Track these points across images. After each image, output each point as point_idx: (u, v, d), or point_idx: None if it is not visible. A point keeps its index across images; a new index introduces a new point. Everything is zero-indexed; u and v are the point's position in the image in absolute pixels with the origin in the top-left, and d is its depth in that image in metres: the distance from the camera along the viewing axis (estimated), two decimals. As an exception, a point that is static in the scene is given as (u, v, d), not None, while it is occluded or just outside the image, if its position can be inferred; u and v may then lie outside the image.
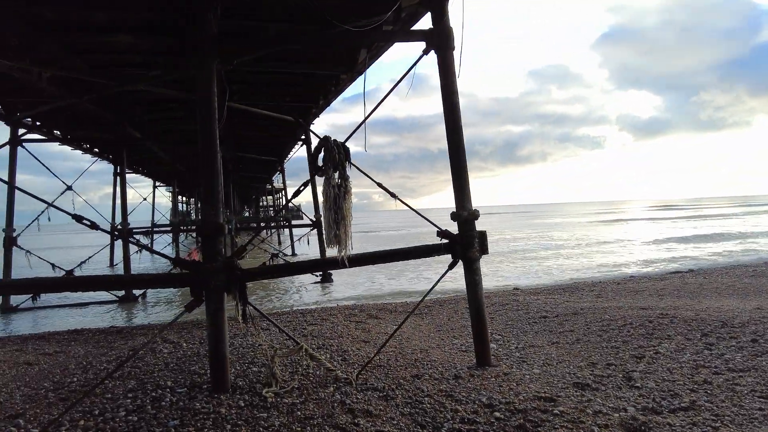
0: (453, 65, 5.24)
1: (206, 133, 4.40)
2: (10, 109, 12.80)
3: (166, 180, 29.68)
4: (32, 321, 11.98)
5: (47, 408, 4.42)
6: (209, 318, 4.33)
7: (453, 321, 8.59)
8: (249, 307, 4.44)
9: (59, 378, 5.56)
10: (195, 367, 5.34)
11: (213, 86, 4.44)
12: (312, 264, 4.65)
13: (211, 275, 4.25)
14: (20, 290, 3.90)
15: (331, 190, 4.55)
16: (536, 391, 4.22)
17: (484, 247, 5.21)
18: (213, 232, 4.32)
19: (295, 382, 4.49)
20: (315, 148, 4.78)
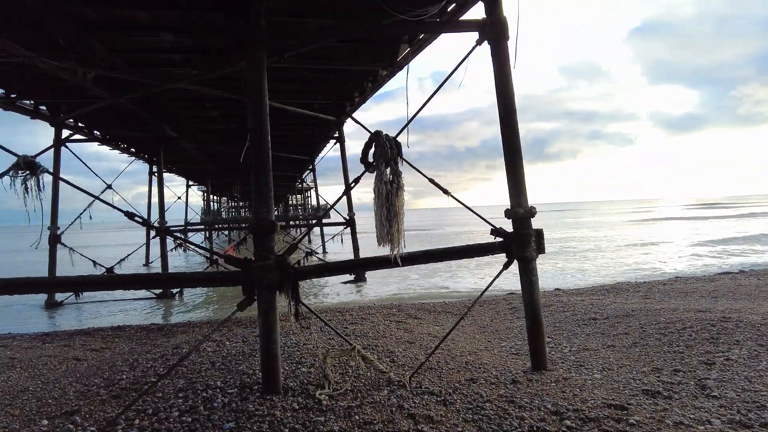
0: (507, 56, 5.03)
1: (257, 129, 4.30)
2: (54, 111, 13.11)
3: (198, 179, 30.15)
4: (76, 316, 12.24)
5: (101, 405, 4.40)
6: (261, 317, 4.24)
7: (496, 322, 8.36)
8: (301, 306, 4.32)
9: (108, 375, 5.57)
10: (242, 366, 5.27)
11: (264, 81, 4.34)
12: (365, 262, 4.51)
13: (264, 273, 4.15)
14: (75, 287, 3.88)
15: (383, 186, 4.40)
16: (604, 397, 3.98)
17: (540, 246, 4.99)
18: (265, 229, 4.22)
19: (348, 384, 4.35)
20: (366, 144, 4.64)
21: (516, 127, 5.01)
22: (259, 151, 4.28)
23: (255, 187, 4.27)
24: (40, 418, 4.21)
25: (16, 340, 8.38)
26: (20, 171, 3.87)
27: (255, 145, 4.29)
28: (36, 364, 6.47)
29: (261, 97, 4.32)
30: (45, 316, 12.45)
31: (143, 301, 13.61)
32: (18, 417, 4.31)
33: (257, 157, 4.28)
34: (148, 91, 10.09)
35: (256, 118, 4.30)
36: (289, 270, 4.21)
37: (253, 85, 4.31)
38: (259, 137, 4.28)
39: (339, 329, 7.17)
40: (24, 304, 13.47)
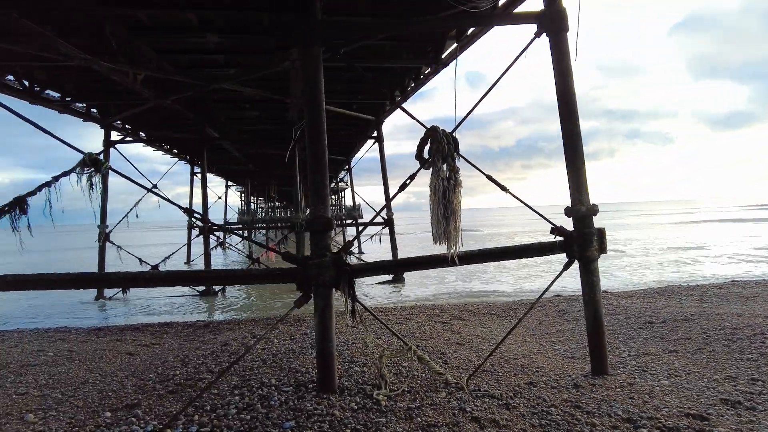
0: (567, 49, 4.84)
1: (313, 125, 4.26)
2: (103, 114, 13.55)
3: (237, 179, 30.72)
4: (124, 311, 12.59)
5: (159, 400, 4.45)
6: (317, 315, 4.19)
7: (545, 325, 8.11)
8: (357, 304, 4.25)
9: (161, 370, 5.65)
10: (294, 364, 5.24)
11: (320, 77, 4.29)
12: (420, 261, 4.40)
13: (321, 271, 4.10)
14: (135, 283, 3.92)
15: (440, 183, 4.29)
16: (678, 406, 3.76)
17: (602, 245, 4.78)
18: (322, 227, 4.17)
19: (404, 385, 4.26)
20: (421, 140, 4.54)
21: (577, 123, 4.82)
22: (315, 147, 4.23)
23: (311, 184, 4.23)
24: (103, 410, 4.28)
25: (72, 334, 8.65)
26: (86, 168, 3.94)
27: (311, 141, 4.25)
28: (93, 358, 6.64)
29: (317, 94, 4.28)
30: (96, 310, 12.87)
31: (187, 297, 13.92)
32: (82, 408, 4.40)
33: (313, 154, 4.24)
34: (195, 91, 10.28)
35: (311, 115, 4.26)
36: (345, 267, 4.15)
37: (309, 81, 4.27)
38: (315, 134, 4.24)
39: (384, 329, 7.09)
40: (75, 299, 13.98)
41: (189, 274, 4.07)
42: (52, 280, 3.98)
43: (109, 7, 7.02)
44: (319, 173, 4.22)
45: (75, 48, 6.81)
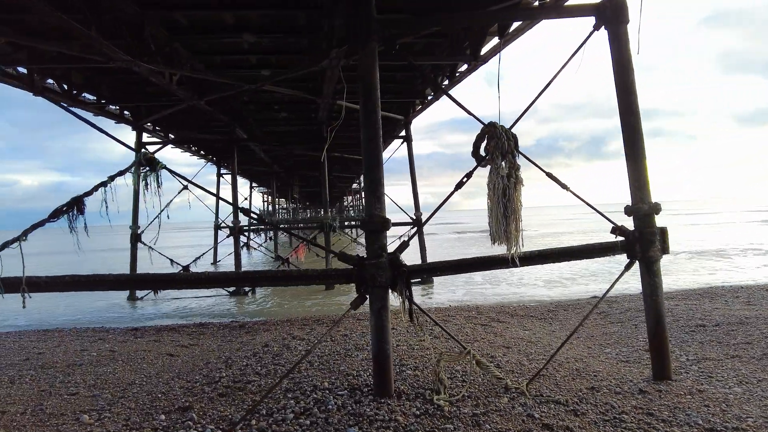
0: (627, 42, 4.65)
1: (369, 122, 4.15)
2: (136, 116, 13.69)
3: (261, 180, 30.88)
4: (157, 311, 12.68)
5: (210, 403, 4.38)
6: (374, 317, 4.08)
7: (589, 328, 7.87)
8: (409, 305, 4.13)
9: (206, 372, 5.61)
10: (342, 366, 5.15)
11: (376, 73, 4.19)
12: (479, 262, 4.26)
13: (377, 271, 3.98)
14: (174, 284, 3.87)
15: (499, 180, 4.14)
16: (764, 416, 3.54)
17: (665, 245, 4.57)
18: (379, 226, 4.06)
19: (464, 390, 4.12)
20: (477, 136, 4.40)
21: (638, 118, 4.62)
22: (371, 145, 4.13)
23: (367, 183, 4.12)
24: (156, 413, 4.23)
25: (110, 334, 8.71)
26: (141, 167, 3.90)
27: (367, 139, 4.14)
28: (134, 358, 6.64)
29: (373, 90, 4.17)
30: (129, 310, 12.98)
31: (217, 297, 13.98)
32: (135, 410, 4.36)
33: (369, 152, 4.13)
34: (230, 92, 10.30)
35: (367, 111, 4.15)
36: (402, 268, 4.03)
37: (366, 78, 4.16)
38: (370, 131, 4.14)
39: (424, 331, 6.95)
40: (108, 300, 14.15)
41: (243, 275, 4.00)
42: (107, 280, 3.94)
43: (152, 10, 7.06)
44: (374, 171, 4.11)
45: (117, 49, 6.83)
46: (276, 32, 8.97)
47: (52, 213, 3.96)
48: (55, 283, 3.92)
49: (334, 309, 11.17)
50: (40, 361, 6.57)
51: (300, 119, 16.90)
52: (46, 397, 4.94)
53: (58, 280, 3.93)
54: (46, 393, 5.10)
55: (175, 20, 8.19)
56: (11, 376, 5.79)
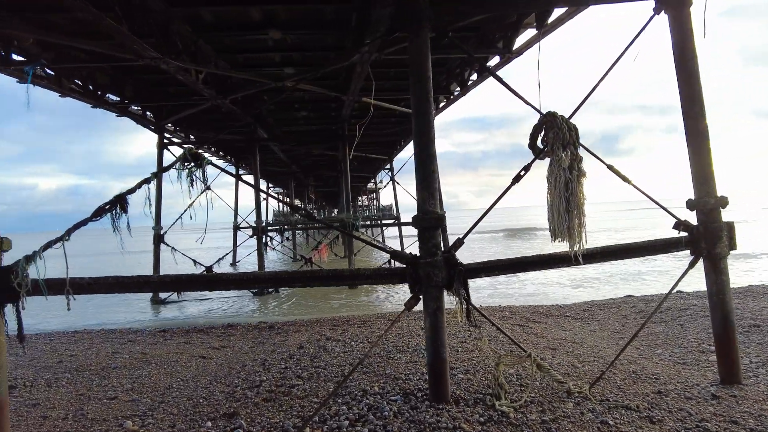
0: (690, 27, 4.39)
1: (421, 113, 3.95)
2: (158, 116, 13.65)
3: (277, 181, 30.81)
4: (182, 312, 12.61)
5: (256, 409, 4.22)
6: (429, 319, 3.88)
7: (630, 328, 7.60)
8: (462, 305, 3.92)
9: (245, 375, 5.45)
10: (388, 369, 4.95)
11: (428, 62, 3.98)
12: (540, 260, 4.04)
13: (432, 270, 3.78)
14: (225, 286, 3.70)
15: (560, 173, 3.91)
16: None
17: (732, 241, 4.31)
18: (433, 223, 3.85)
19: (525, 395, 3.90)
20: (534, 127, 4.17)
21: (702, 110, 4.37)
22: (424, 138, 3.93)
23: (420, 178, 3.92)
24: (201, 419, 4.07)
25: (139, 335, 8.61)
26: (186, 163, 3.74)
27: (419, 131, 3.94)
28: (168, 361, 6.51)
29: (425, 81, 3.97)
30: (155, 312, 12.93)
31: (239, 297, 13.89)
32: (178, 416, 4.21)
33: (422, 146, 3.93)
34: (258, 89, 10.17)
35: (419, 102, 3.95)
36: (459, 267, 3.82)
37: (418, 67, 3.96)
38: (423, 122, 3.94)
39: (461, 333, 6.74)
40: (133, 301, 14.14)
41: (291, 275, 3.82)
42: (152, 281, 3.79)
43: (178, 7, 6.94)
44: (427, 165, 3.91)
45: (147, 46, 6.72)
46: (302, 28, 8.82)
47: (95, 212, 3.82)
48: (98, 285, 3.78)
49: (362, 309, 11.00)
50: (74, 363, 6.47)
51: (319, 118, 16.75)
52: (85, 402, 4.82)
53: (102, 282, 3.78)
54: (84, 397, 4.98)
55: (201, 17, 8.07)
56: (47, 379, 5.69)
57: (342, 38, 9.53)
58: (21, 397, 4.98)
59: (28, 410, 4.58)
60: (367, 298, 13.16)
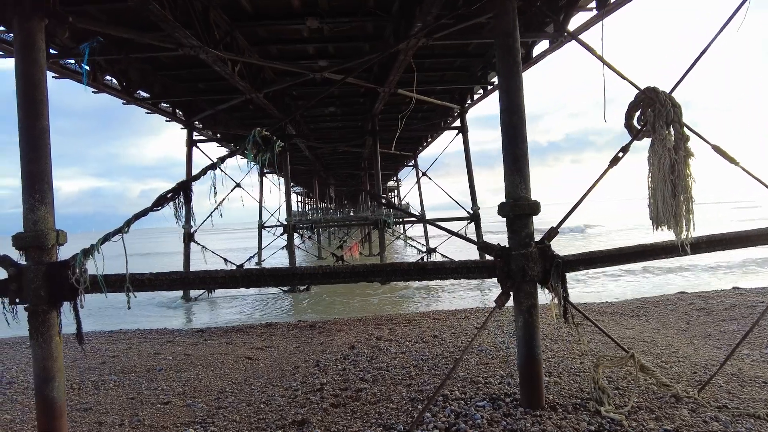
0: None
1: (512, 88, 3.58)
2: (187, 114, 13.47)
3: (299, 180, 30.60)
4: (212, 311, 12.40)
5: (326, 415, 3.88)
6: (521, 316, 3.50)
7: (697, 326, 7.14)
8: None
9: (302, 378, 5.13)
10: (462, 372, 4.58)
11: (516, 31, 3.61)
12: (645, 250, 3.64)
13: (527, 263, 3.40)
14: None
15: (665, 153, 3.50)
16: None
17: None
18: (526, 210, 3.48)
19: (631, 401, 3.50)
20: (630, 105, 3.78)
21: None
22: (514, 117, 3.55)
23: (510, 160, 3.55)
24: (269, 427, 3.75)
25: (176, 335, 8.36)
26: (256, 145, 3.41)
27: (508, 108, 3.56)
28: (213, 363, 6.21)
29: (514, 51, 3.59)
30: (186, 311, 12.74)
31: (271, 295, 13.63)
32: (242, 423, 3.89)
33: (512, 124, 3.56)
34: (293, 82, 9.90)
35: (509, 76, 3.58)
36: (556, 260, 3.44)
37: (505, 36, 3.59)
38: (513, 98, 3.56)
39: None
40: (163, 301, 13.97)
41: (363, 268, 3.48)
42: (218, 277, 3.48)
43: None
44: (519, 146, 3.53)
45: (188, 33, 6.44)
46: (342, 16, 8.51)
47: (156, 201, 3.52)
48: (159, 281, 3.47)
49: (403, 306, 10.68)
50: (118, 365, 6.21)
51: (346, 114, 16.46)
52: (138, 406, 4.54)
53: (163, 278, 3.48)
54: (136, 401, 4.70)
55: (239, 4, 7.81)
56: (94, 381, 5.43)
57: (381, 27, 9.20)
58: (71, 401, 4.71)
59: (81, 415, 4.31)
60: (401, 293, 12.81)
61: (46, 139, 3.27)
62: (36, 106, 3.25)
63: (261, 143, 3.37)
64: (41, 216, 3.24)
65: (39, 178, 3.25)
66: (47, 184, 3.29)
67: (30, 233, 3.21)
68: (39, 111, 3.27)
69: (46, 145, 3.27)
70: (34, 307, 3.19)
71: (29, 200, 3.22)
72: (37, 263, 3.20)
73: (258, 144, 3.36)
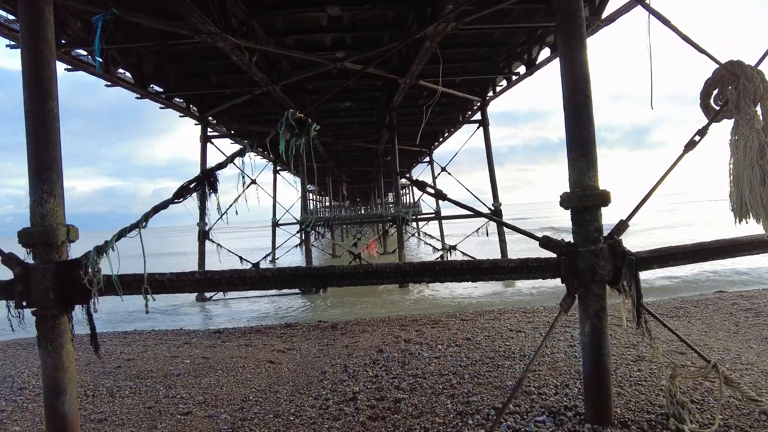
0: None
1: (576, 62, 3.17)
2: (201, 109, 13.17)
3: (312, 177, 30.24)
4: (228, 311, 12.09)
5: (364, 430, 3.50)
6: (588, 321, 3.09)
7: (748, 329, 6.64)
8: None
9: (331, 385, 4.76)
10: (509, 381, 4.18)
11: (582, 10, 3.19)
12: (728, 246, 3.21)
13: (596, 261, 2.99)
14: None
15: (753, 136, 3.07)
16: None
17: None
18: (595, 200, 3.06)
19: (716, 419, 3.07)
20: (707, 83, 3.35)
21: None
22: (581, 95, 3.14)
23: (575, 143, 3.13)
24: (303, 443, 3.37)
25: (193, 337, 8.03)
26: (290, 128, 3.03)
27: (575, 86, 3.15)
28: (233, 367, 5.85)
29: (578, 20, 3.17)
30: (203, 310, 12.44)
31: (283, 296, 13.28)
32: (274, 439, 3.52)
33: (578, 103, 3.14)
34: (310, 73, 9.54)
35: (573, 49, 3.16)
36: (628, 257, 3.02)
37: (570, 14, 3.17)
38: (580, 73, 3.14)
39: (570, 337, 5.92)
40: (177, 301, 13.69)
41: (410, 267, 3.08)
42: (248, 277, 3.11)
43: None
44: (585, 128, 3.11)
45: (206, 18, 6.09)
46: (363, 2, 8.13)
47: (178, 191, 3.16)
48: (182, 282, 3.10)
49: (422, 306, 10.28)
50: (133, 369, 5.89)
51: (361, 109, 16.08)
52: (156, 417, 4.19)
53: (186, 278, 3.11)
54: (154, 411, 4.34)
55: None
56: (109, 387, 5.10)
57: (403, 14, 8.80)
58: (84, 410, 4.39)
59: (96, 427, 3.97)
60: (419, 295, 12.41)
61: (55, 123, 2.91)
62: (44, 85, 2.90)
63: (295, 126, 2.97)
64: (50, 209, 2.89)
65: (47, 166, 2.89)
66: (56, 173, 2.93)
67: (37, 228, 2.86)
68: (47, 91, 2.91)
69: (55, 130, 2.91)
70: (42, 311, 2.84)
71: (36, 191, 2.87)
72: (45, 262, 2.85)
73: (292, 127, 2.97)
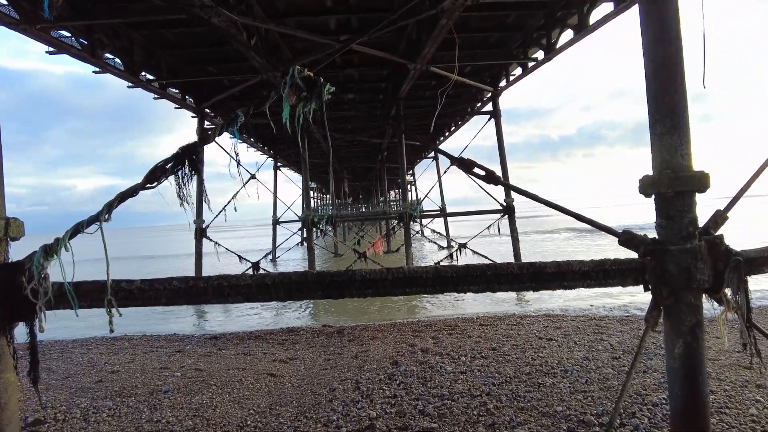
0: None
1: (664, 11, 2.47)
2: (198, 101, 12.49)
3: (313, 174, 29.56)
4: (225, 313, 11.40)
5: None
6: (681, 340, 2.40)
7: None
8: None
9: (342, 406, 4.08)
10: (559, 407, 3.48)
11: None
12: None
13: (693, 263, 2.29)
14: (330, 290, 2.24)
15: None
16: None
17: None
18: (690, 184, 2.36)
19: None
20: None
21: None
22: (672, 47, 2.44)
23: (662, 115, 2.44)
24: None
25: (187, 344, 7.35)
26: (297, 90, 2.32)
27: (663, 39, 2.45)
28: (230, 381, 5.17)
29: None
30: (199, 310, 11.75)
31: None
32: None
33: (666, 62, 2.44)
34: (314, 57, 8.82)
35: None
36: (734, 257, 2.32)
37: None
38: (670, 25, 2.45)
39: (608, 346, 5.24)
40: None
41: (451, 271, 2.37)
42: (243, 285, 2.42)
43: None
44: (677, 92, 2.42)
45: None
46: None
47: (149, 174, 2.45)
48: (156, 292, 2.40)
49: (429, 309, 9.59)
50: (116, 384, 5.19)
51: (365, 102, 15.39)
52: (134, 449, 3.50)
53: (162, 286, 2.41)
54: (133, 441, 3.67)
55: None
56: (84, 408, 4.40)
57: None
58: (50, 440, 3.71)
59: (58, 465, 3.28)
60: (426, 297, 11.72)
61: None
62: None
63: (303, 87, 2.27)
64: (-19, 197, 2.19)
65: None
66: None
67: (-36, 222, 2.16)
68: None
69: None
70: (-31, 332, 2.15)
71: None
72: (-27, 266, 2.15)
73: (299, 88, 2.27)
